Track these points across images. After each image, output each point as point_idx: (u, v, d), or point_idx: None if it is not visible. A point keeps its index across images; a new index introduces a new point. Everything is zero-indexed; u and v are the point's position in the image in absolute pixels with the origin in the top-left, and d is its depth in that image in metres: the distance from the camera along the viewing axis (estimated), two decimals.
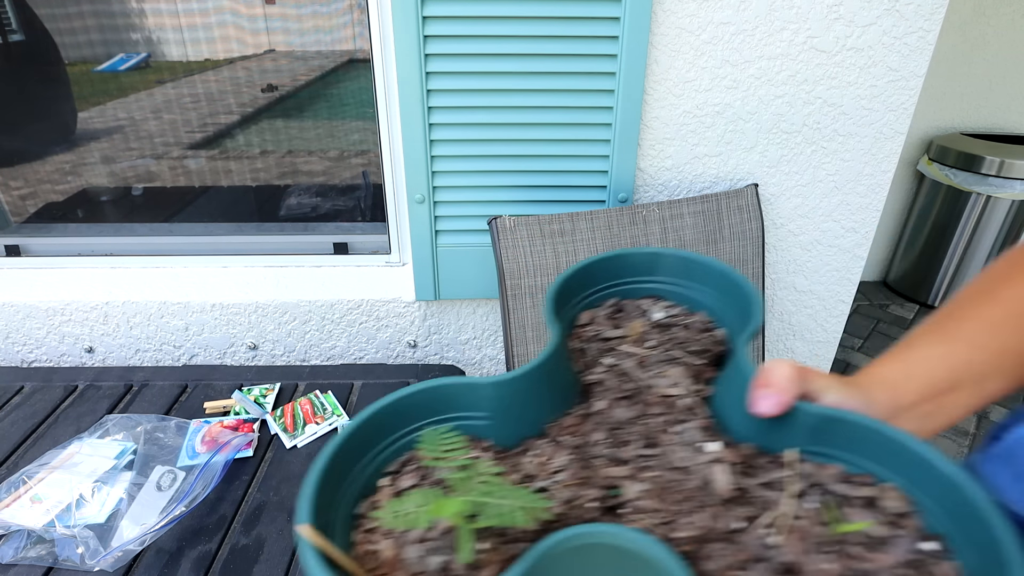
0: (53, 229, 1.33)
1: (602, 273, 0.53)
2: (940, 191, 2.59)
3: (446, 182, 1.08)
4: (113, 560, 0.76)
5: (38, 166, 1.29)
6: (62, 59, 1.20)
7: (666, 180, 1.12)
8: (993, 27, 2.54)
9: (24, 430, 0.98)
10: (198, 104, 1.25)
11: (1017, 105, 2.68)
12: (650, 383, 0.44)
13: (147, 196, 1.33)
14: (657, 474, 0.37)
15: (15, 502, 0.81)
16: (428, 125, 1.02)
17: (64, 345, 1.26)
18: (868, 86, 1.03)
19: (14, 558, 0.76)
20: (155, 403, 1.06)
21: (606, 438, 0.41)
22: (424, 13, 0.94)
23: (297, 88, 1.25)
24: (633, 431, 0.41)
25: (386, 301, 1.22)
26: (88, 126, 1.26)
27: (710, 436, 0.39)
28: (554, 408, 0.44)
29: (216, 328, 1.24)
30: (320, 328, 1.25)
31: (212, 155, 1.29)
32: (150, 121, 1.26)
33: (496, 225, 0.98)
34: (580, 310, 0.53)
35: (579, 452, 0.40)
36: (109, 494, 0.84)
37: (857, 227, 1.16)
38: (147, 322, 1.23)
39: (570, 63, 0.99)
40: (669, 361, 0.46)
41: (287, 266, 1.30)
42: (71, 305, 1.21)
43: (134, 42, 1.19)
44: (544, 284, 0.99)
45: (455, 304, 1.24)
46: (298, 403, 1.03)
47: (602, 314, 0.52)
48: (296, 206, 1.35)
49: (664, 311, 0.51)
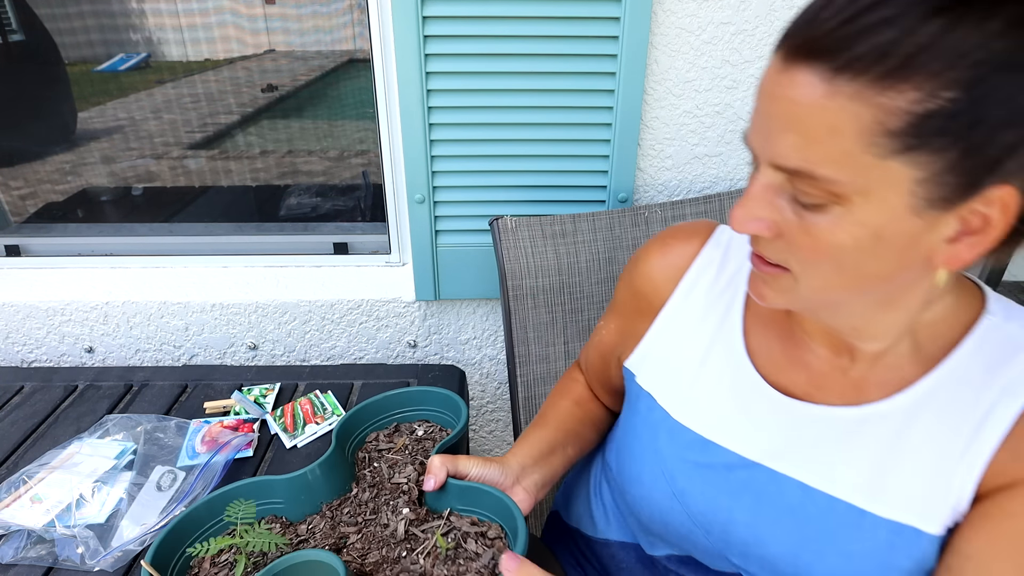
0: (53, 229, 1.33)
1: (391, 404, 0.81)
2: None
3: (446, 182, 1.08)
4: (113, 560, 0.76)
5: (38, 166, 1.29)
6: (62, 59, 1.20)
7: (666, 180, 1.12)
8: None
9: (24, 430, 0.98)
10: (198, 104, 1.25)
11: None
12: (390, 477, 0.72)
13: (147, 196, 1.33)
14: (369, 528, 0.66)
15: (15, 502, 0.81)
16: (428, 125, 1.02)
17: (64, 345, 1.26)
18: None
19: (14, 558, 0.76)
20: (155, 403, 1.06)
21: (351, 511, 0.69)
22: (424, 13, 0.94)
23: (297, 88, 1.25)
24: (369, 506, 0.69)
25: (386, 301, 1.22)
26: (88, 126, 1.26)
27: (409, 506, 0.66)
28: (331, 494, 0.71)
29: (216, 328, 1.24)
30: (320, 328, 1.25)
31: (212, 155, 1.29)
32: (150, 121, 1.26)
33: (498, 226, 0.98)
34: (372, 430, 0.81)
35: (333, 519, 0.68)
36: (109, 494, 0.84)
37: None
38: (147, 322, 1.23)
39: (570, 63, 0.99)
40: (412, 463, 0.73)
41: (287, 266, 1.30)
42: (71, 305, 1.21)
43: (134, 42, 1.19)
44: (546, 285, 0.99)
45: (455, 304, 1.24)
46: (298, 403, 1.03)
47: (383, 433, 0.80)
48: (296, 206, 1.35)
49: (423, 429, 0.80)
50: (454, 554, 0.60)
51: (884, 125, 0.38)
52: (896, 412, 0.52)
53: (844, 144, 0.39)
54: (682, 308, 0.65)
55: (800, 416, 0.56)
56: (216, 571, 0.62)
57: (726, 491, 0.58)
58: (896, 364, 0.53)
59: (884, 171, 0.39)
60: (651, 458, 0.63)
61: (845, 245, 0.42)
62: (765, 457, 0.57)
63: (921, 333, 0.52)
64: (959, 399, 0.50)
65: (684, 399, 0.63)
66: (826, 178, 0.40)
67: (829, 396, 0.56)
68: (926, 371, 0.52)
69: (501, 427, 1.41)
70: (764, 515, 0.56)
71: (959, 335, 0.51)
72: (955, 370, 0.50)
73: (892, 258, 0.43)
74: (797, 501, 0.55)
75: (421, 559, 0.60)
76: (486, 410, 1.39)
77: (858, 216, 0.41)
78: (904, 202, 0.40)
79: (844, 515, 0.52)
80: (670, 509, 0.61)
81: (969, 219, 0.41)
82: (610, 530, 0.75)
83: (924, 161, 0.38)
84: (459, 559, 0.59)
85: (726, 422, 0.60)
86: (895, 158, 0.38)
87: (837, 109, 0.38)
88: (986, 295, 0.53)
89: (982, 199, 0.40)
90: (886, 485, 0.51)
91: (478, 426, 1.42)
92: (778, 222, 0.45)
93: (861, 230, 0.41)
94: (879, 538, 0.51)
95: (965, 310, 0.52)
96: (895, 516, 0.51)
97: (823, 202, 0.42)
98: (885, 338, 0.52)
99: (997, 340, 0.50)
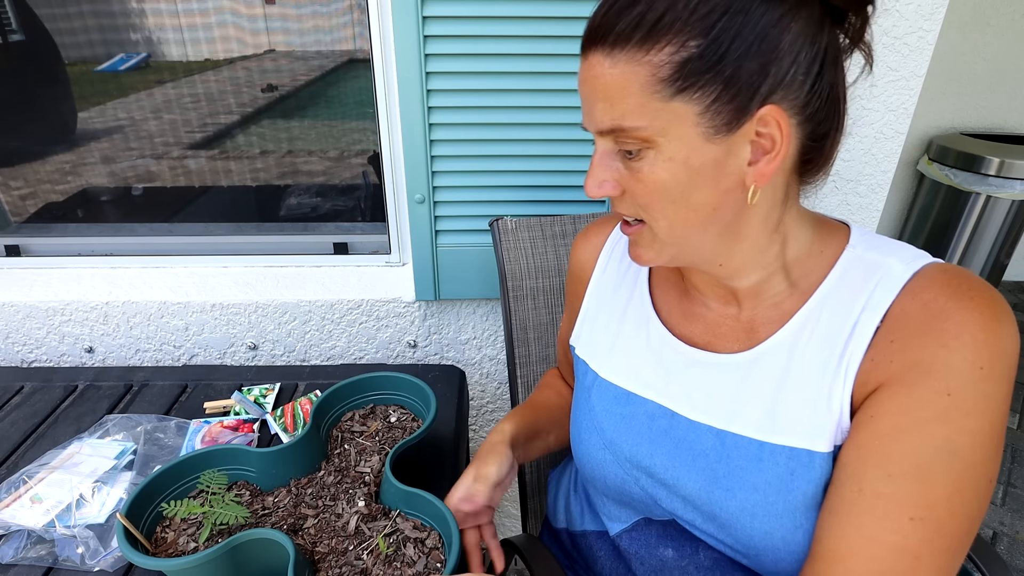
0: (53, 229, 1.33)
1: (369, 385, 0.87)
2: (940, 191, 2.59)
3: (446, 182, 1.08)
4: (113, 560, 0.76)
5: (38, 166, 1.29)
6: (62, 59, 1.20)
7: None
8: (993, 27, 2.54)
9: (24, 430, 0.98)
10: (198, 104, 1.24)
11: (1017, 105, 2.68)
12: (356, 464, 0.76)
13: (147, 196, 1.33)
14: (326, 515, 0.70)
15: (15, 502, 0.81)
16: (428, 125, 1.02)
17: (64, 345, 1.26)
18: (868, 86, 1.03)
19: (14, 558, 0.76)
20: (155, 403, 1.06)
21: (314, 492, 0.74)
22: (424, 13, 0.94)
23: (297, 88, 1.25)
24: (331, 491, 0.73)
25: (386, 301, 1.22)
26: (88, 126, 1.26)
27: (365, 499, 0.71)
28: (301, 471, 0.76)
29: (216, 328, 1.24)
30: (320, 328, 1.25)
31: (212, 155, 1.29)
32: (150, 121, 1.26)
33: (498, 226, 0.98)
34: (349, 409, 0.86)
35: (297, 498, 0.73)
36: (109, 494, 0.84)
37: None
38: (147, 322, 1.23)
39: (570, 63, 0.99)
40: (379, 452, 0.78)
41: (287, 266, 1.30)
42: (71, 305, 1.21)
43: (134, 42, 1.19)
44: (546, 286, 0.99)
45: (455, 304, 1.24)
46: (298, 403, 1.03)
47: (359, 414, 0.85)
48: (296, 206, 1.35)
49: (397, 416, 0.85)
50: (393, 556, 0.64)
51: (657, 76, 0.48)
52: (781, 346, 0.58)
53: (636, 98, 0.49)
54: (601, 281, 0.75)
55: (706, 364, 0.62)
56: (185, 527, 0.68)
57: (648, 438, 0.65)
58: (776, 302, 0.60)
59: (671, 111, 0.49)
60: (586, 416, 0.70)
61: (666, 180, 0.51)
62: (680, 405, 0.63)
63: (793, 270, 0.59)
64: (831, 323, 0.56)
65: (608, 358, 0.71)
66: (633, 127, 0.50)
67: (728, 344, 0.62)
68: (803, 304, 0.58)
69: None
70: (680, 458, 0.62)
71: (827, 268, 0.58)
72: (825, 298, 0.57)
73: (709, 184, 0.51)
74: (710, 444, 0.61)
75: (364, 555, 0.64)
76: (486, 410, 1.39)
77: (666, 153, 0.50)
78: (696, 132, 0.49)
79: (747, 450, 0.58)
80: (603, 460, 0.68)
81: (758, 141, 0.50)
82: (585, 521, 0.79)
83: (697, 97, 0.48)
84: (396, 562, 0.64)
85: (645, 375, 0.67)
86: (675, 99, 0.48)
87: (621, 73, 0.49)
88: (851, 231, 0.60)
89: (758, 120, 0.49)
90: (779, 415, 0.57)
91: (478, 426, 1.41)
92: (618, 180, 0.55)
93: (673, 164, 0.50)
94: (779, 465, 0.56)
95: (832, 247, 0.59)
96: (790, 442, 0.56)
97: (639, 147, 0.51)
98: (750, 270, 0.58)
99: (859, 267, 0.56)
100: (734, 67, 0.47)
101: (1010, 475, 1.92)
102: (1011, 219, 2.48)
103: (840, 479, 0.52)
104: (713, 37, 0.46)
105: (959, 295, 0.50)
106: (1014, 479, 1.90)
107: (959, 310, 0.49)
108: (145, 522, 0.67)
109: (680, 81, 0.47)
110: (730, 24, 0.46)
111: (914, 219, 2.75)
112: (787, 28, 0.47)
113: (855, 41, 0.52)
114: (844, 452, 0.53)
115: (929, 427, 0.49)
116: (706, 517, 0.61)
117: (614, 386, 0.69)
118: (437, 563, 0.63)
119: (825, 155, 0.54)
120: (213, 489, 0.70)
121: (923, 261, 0.54)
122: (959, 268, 0.53)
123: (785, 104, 0.49)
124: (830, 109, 0.51)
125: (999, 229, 2.51)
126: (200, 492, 0.72)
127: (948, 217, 2.58)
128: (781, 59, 0.47)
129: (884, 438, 0.50)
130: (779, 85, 0.48)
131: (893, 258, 0.55)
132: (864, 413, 0.52)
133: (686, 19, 0.46)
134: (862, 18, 0.50)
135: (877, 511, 0.49)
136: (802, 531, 0.55)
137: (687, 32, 0.46)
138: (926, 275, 0.53)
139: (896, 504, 0.49)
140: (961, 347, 0.48)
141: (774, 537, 0.56)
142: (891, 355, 0.51)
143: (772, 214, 0.55)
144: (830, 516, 0.52)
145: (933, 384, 0.49)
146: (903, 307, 0.52)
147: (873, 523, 0.49)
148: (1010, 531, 1.73)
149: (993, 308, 0.49)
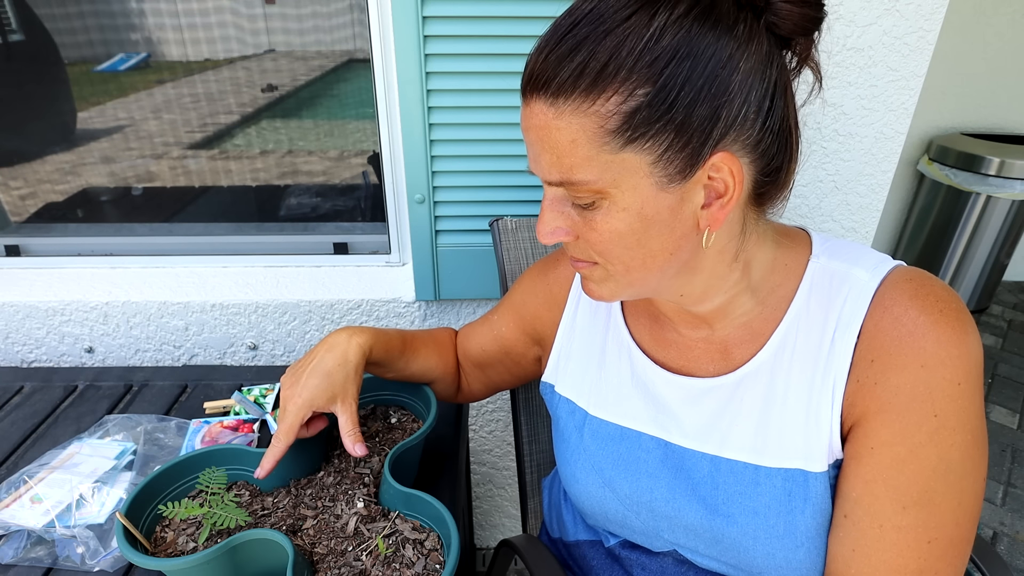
0: (53, 229, 1.33)
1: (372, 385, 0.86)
2: (940, 191, 2.59)
3: (446, 182, 1.08)
4: (113, 560, 0.76)
5: (38, 166, 1.29)
6: (62, 59, 1.20)
7: None
8: (993, 27, 2.54)
9: (24, 430, 0.98)
10: (198, 104, 1.24)
11: (1017, 105, 2.68)
12: (355, 465, 0.75)
13: (147, 196, 1.33)
14: (325, 516, 0.70)
15: (15, 502, 0.81)
16: (428, 125, 1.02)
17: (64, 345, 1.26)
18: (868, 86, 1.03)
19: (14, 558, 0.76)
20: (155, 403, 1.06)
21: (313, 493, 0.73)
22: (424, 13, 0.94)
23: (297, 88, 1.25)
24: (330, 492, 0.72)
25: (386, 301, 1.22)
26: (88, 126, 1.26)
27: (364, 500, 0.70)
28: (301, 472, 0.75)
29: (216, 328, 1.24)
30: (320, 328, 1.25)
31: (212, 155, 1.29)
32: (150, 121, 1.26)
33: (498, 226, 0.98)
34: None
35: (297, 498, 0.72)
36: (109, 494, 0.84)
37: (857, 227, 1.16)
38: (147, 322, 1.23)
39: None
40: (378, 453, 0.78)
41: (287, 266, 1.30)
42: (71, 305, 1.21)
43: (134, 42, 1.19)
44: None
45: (455, 304, 1.24)
46: None
47: (360, 415, 0.81)
48: (296, 206, 1.35)
49: (397, 417, 0.85)
50: (392, 557, 0.64)
51: (605, 127, 0.46)
52: (762, 369, 0.58)
53: (584, 150, 0.47)
54: (576, 315, 0.73)
55: (690, 389, 0.62)
56: (184, 527, 0.68)
57: (647, 472, 0.64)
58: (746, 320, 0.59)
59: (622, 163, 0.47)
60: (582, 457, 0.68)
61: (621, 230, 0.50)
62: (672, 434, 0.63)
63: (760, 289, 0.58)
64: (808, 343, 0.56)
65: (595, 394, 0.69)
66: (583, 181, 0.48)
67: (703, 366, 0.62)
68: (776, 324, 0.58)
69: (501, 427, 1.41)
70: (679, 488, 0.62)
71: (794, 282, 0.58)
72: (797, 316, 0.57)
73: (664, 232, 0.50)
74: (706, 471, 0.60)
75: (363, 557, 0.64)
76: (486, 410, 1.39)
77: (620, 204, 0.48)
78: (649, 183, 0.47)
79: (743, 475, 0.58)
80: (603, 498, 0.67)
81: (711, 186, 0.49)
82: (578, 531, 0.79)
83: (649, 147, 0.46)
84: (395, 563, 0.64)
85: (634, 407, 0.66)
86: (626, 150, 0.46)
87: (567, 125, 0.46)
88: (812, 239, 0.59)
89: (711, 167, 0.47)
90: (770, 436, 0.57)
91: (478, 426, 1.42)
92: (571, 226, 0.53)
93: (627, 214, 0.49)
94: (777, 488, 0.56)
95: (795, 258, 0.58)
96: (784, 463, 0.56)
97: (592, 199, 0.49)
98: (713, 295, 0.58)
99: (825, 279, 0.56)
100: (685, 113, 0.45)
101: (1010, 475, 1.92)
102: (1011, 219, 2.48)
103: (856, 515, 0.53)
104: (661, 84, 0.44)
105: (928, 309, 0.51)
106: (1014, 479, 1.90)
107: (932, 326, 0.50)
108: (145, 522, 0.67)
109: (630, 131, 0.45)
110: (678, 69, 0.44)
111: (914, 219, 2.75)
112: (736, 68, 0.45)
113: (803, 60, 0.51)
114: (850, 486, 0.54)
115: (924, 451, 0.50)
116: (708, 542, 0.61)
117: (607, 423, 0.67)
118: (436, 564, 0.63)
119: (780, 186, 0.53)
120: (213, 489, 0.70)
121: (886, 267, 0.55)
122: (921, 274, 0.54)
123: (737, 146, 0.48)
124: (782, 142, 0.50)
125: (999, 229, 2.51)
126: (200, 492, 0.72)
127: (948, 217, 2.58)
128: (732, 100, 0.45)
129: (889, 470, 0.51)
130: (731, 128, 0.46)
131: (858, 268, 0.55)
132: (862, 444, 0.53)
133: (631, 67, 0.44)
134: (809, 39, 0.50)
135: (900, 544, 0.51)
136: (803, 550, 0.55)
137: (634, 80, 0.44)
138: (892, 284, 0.53)
139: (915, 533, 0.51)
140: (939, 365, 0.49)
141: (776, 558, 0.56)
142: (874, 376, 0.52)
143: (729, 247, 0.54)
144: (854, 553, 0.53)
145: (920, 407, 0.50)
146: (876, 322, 0.53)
147: (897, 556, 0.51)
148: (1010, 531, 1.73)
149: (961, 319, 0.50)
